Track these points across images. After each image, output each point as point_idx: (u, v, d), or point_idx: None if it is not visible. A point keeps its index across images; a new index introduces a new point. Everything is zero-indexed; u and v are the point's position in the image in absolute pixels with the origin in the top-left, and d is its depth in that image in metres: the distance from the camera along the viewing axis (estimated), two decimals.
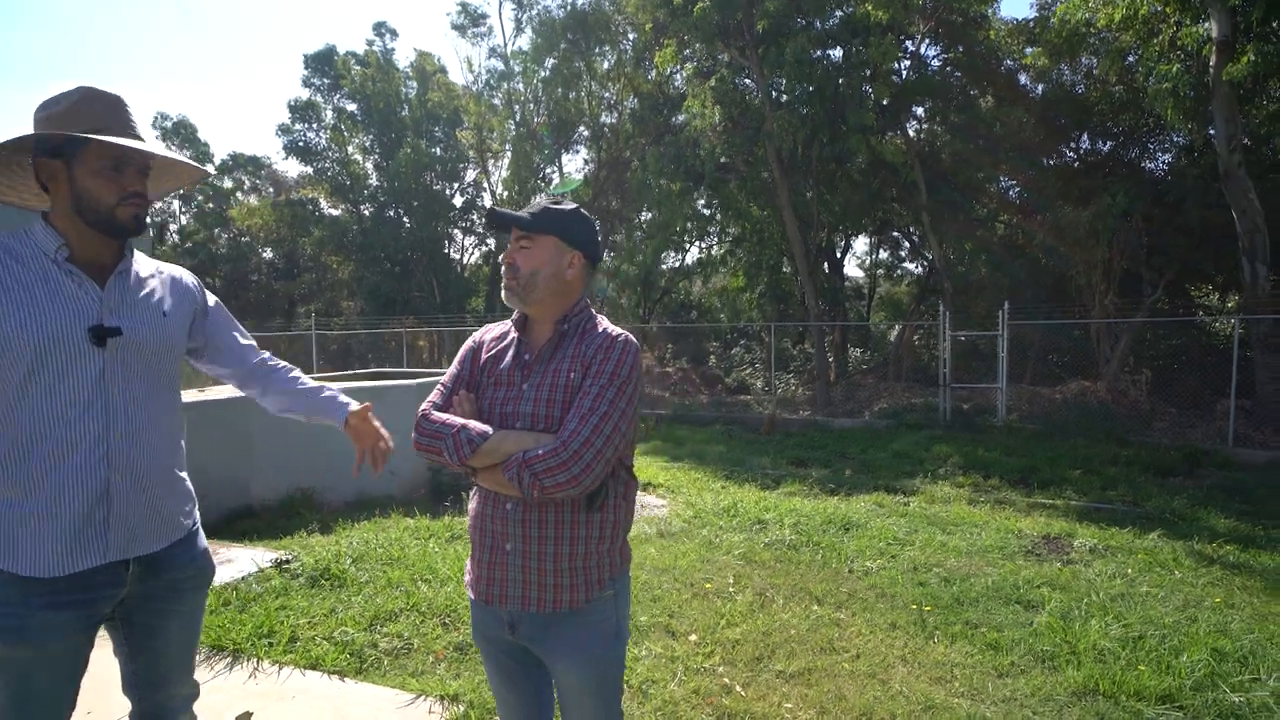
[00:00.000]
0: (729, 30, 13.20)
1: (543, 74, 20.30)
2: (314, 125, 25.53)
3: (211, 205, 29.79)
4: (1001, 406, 11.29)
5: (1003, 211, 16.19)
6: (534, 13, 20.14)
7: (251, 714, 2.61)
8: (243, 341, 1.86)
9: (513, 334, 1.68)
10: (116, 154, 1.50)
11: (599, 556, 1.58)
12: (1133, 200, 11.28)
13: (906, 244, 21.51)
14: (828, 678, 3.02)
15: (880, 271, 24.83)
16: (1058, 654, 3.24)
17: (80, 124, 1.47)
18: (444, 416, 1.56)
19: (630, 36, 19.33)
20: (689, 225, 17.06)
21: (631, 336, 1.61)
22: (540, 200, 1.68)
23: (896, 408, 12.50)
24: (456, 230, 29.50)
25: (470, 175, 28.31)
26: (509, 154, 22.18)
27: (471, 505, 1.66)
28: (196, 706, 1.68)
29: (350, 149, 26.31)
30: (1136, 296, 12.73)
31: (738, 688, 2.91)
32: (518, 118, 21.63)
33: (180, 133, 29.14)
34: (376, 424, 1.85)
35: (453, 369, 1.70)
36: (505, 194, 25.78)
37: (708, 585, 4.04)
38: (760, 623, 3.55)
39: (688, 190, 15.45)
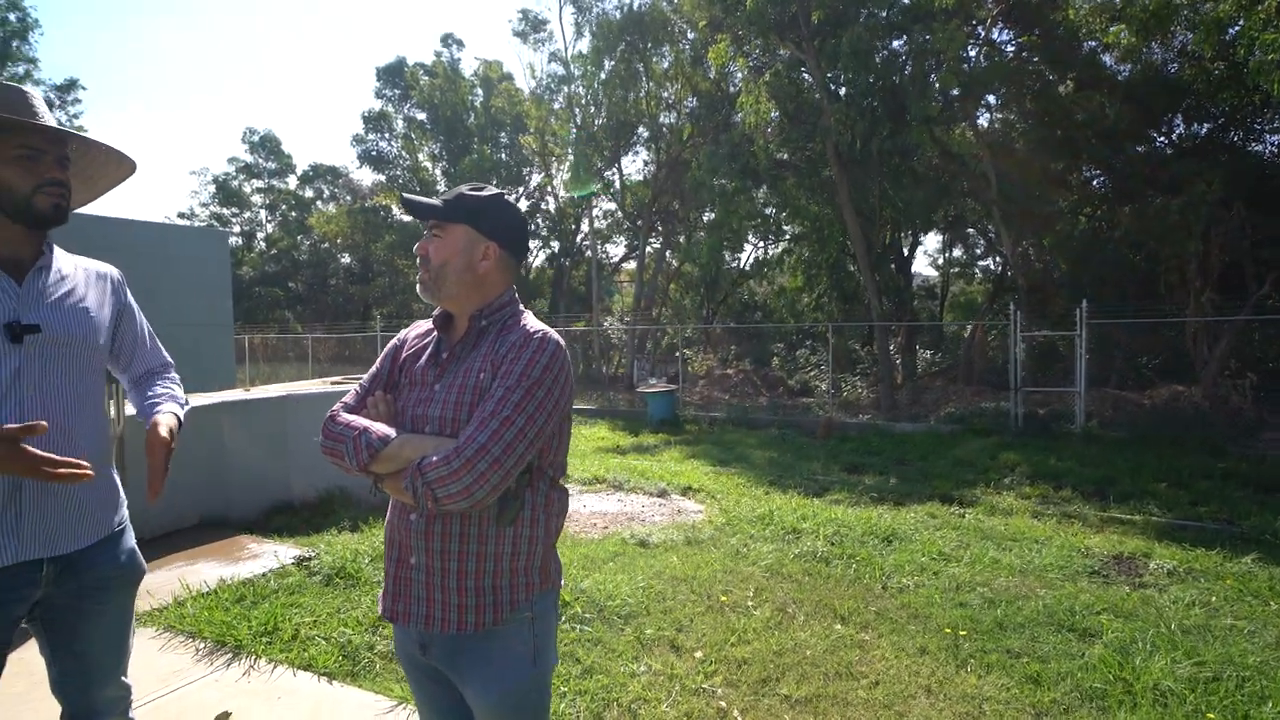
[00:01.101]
0: (784, 23, 12.82)
1: (601, 76, 20.34)
2: (385, 135, 26.51)
3: (294, 214, 31.38)
4: (1079, 412, 10.48)
5: (1085, 204, 15.09)
6: (593, 15, 20.20)
7: (230, 714, 2.60)
8: (153, 351, 1.84)
9: (434, 332, 1.56)
10: (31, 142, 1.48)
11: (512, 575, 1.43)
12: (1232, 187, 10.25)
13: (981, 240, 20.46)
14: (837, 706, 2.77)
15: (954, 270, 23.73)
16: (1110, 693, 2.88)
17: (21, 110, 1.46)
18: (349, 418, 1.45)
19: (690, 36, 19.13)
20: (747, 224, 16.69)
21: (553, 334, 1.45)
22: (461, 188, 1.55)
23: (963, 412, 11.82)
24: None
25: (534, 179, 28.81)
26: (570, 157, 22.35)
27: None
28: (183, 702, 1.65)
29: (420, 156, 27.18)
30: (1240, 292, 11.58)
31: (735, 712, 2.70)
32: (578, 121, 21.76)
33: (266, 146, 30.85)
34: (166, 436, 1.63)
35: (373, 368, 1.60)
36: (566, 196, 26.06)
37: (724, 598, 3.83)
38: (774, 641, 3.32)
39: (744, 188, 15.11)
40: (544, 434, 1.39)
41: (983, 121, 14.36)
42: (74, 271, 1.64)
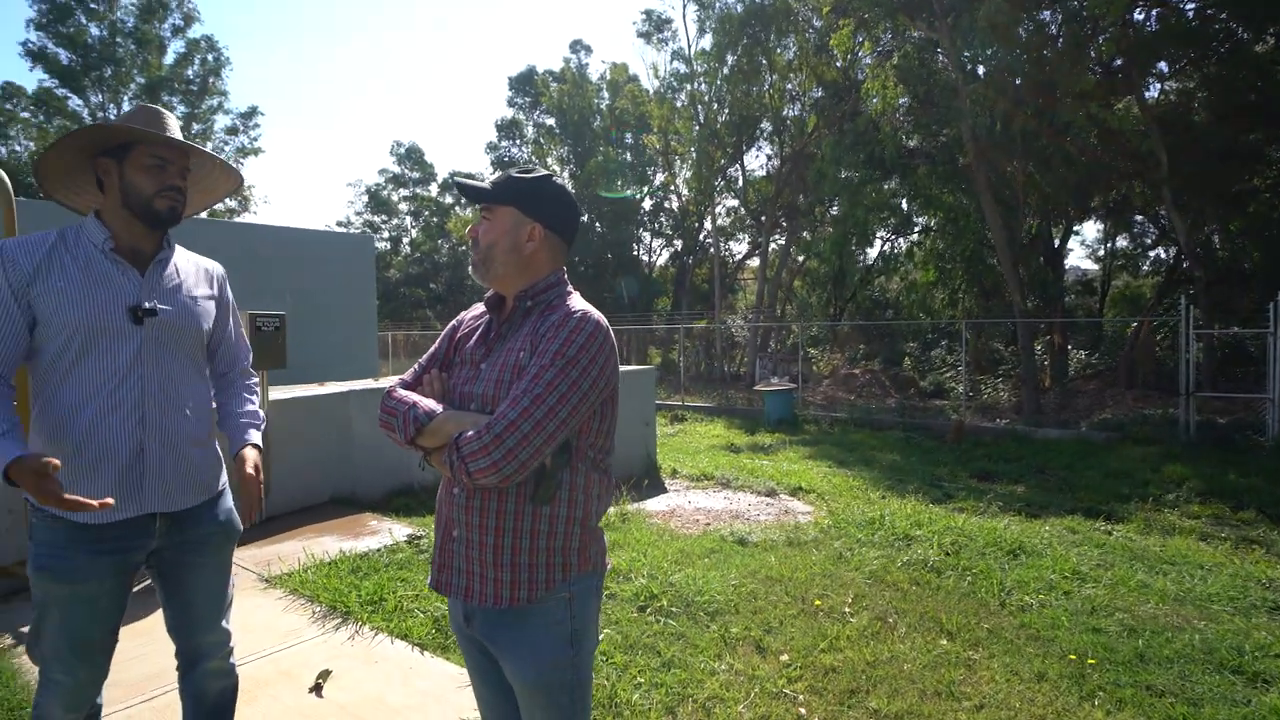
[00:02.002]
0: (914, 2, 12.05)
1: (724, 71, 20.16)
2: (517, 141, 27.81)
3: (435, 219, 33.69)
4: (1272, 421, 9.06)
5: None
6: (715, 10, 20.03)
7: (330, 672, 2.80)
8: (238, 343, 2.00)
9: (487, 313, 1.59)
10: (161, 153, 1.70)
11: (548, 554, 1.42)
12: None
13: (1152, 228, 18.22)
14: None
15: (1118, 262, 21.33)
16: None
17: (122, 133, 1.68)
18: (403, 394, 1.50)
19: (815, 24, 18.52)
20: (875, 216, 15.88)
21: (594, 314, 1.43)
22: (510, 170, 1.57)
23: (1121, 419, 10.58)
24: (645, 232, 30.48)
25: (658, 178, 29.08)
26: (693, 154, 22.34)
27: None
28: (295, 658, 1.82)
29: (549, 160, 28.26)
30: None
31: None
32: (700, 118, 21.70)
33: (411, 157, 33.33)
34: (258, 478, 1.85)
35: (432, 347, 1.65)
36: (689, 194, 26.08)
37: (819, 602, 3.64)
38: (869, 651, 3.11)
39: (871, 179, 14.39)
40: (579, 413, 1.37)
41: (1151, 93, 12.74)
42: (186, 265, 1.85)
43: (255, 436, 1.92)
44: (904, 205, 17.09)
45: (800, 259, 23.65)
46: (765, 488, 6.87)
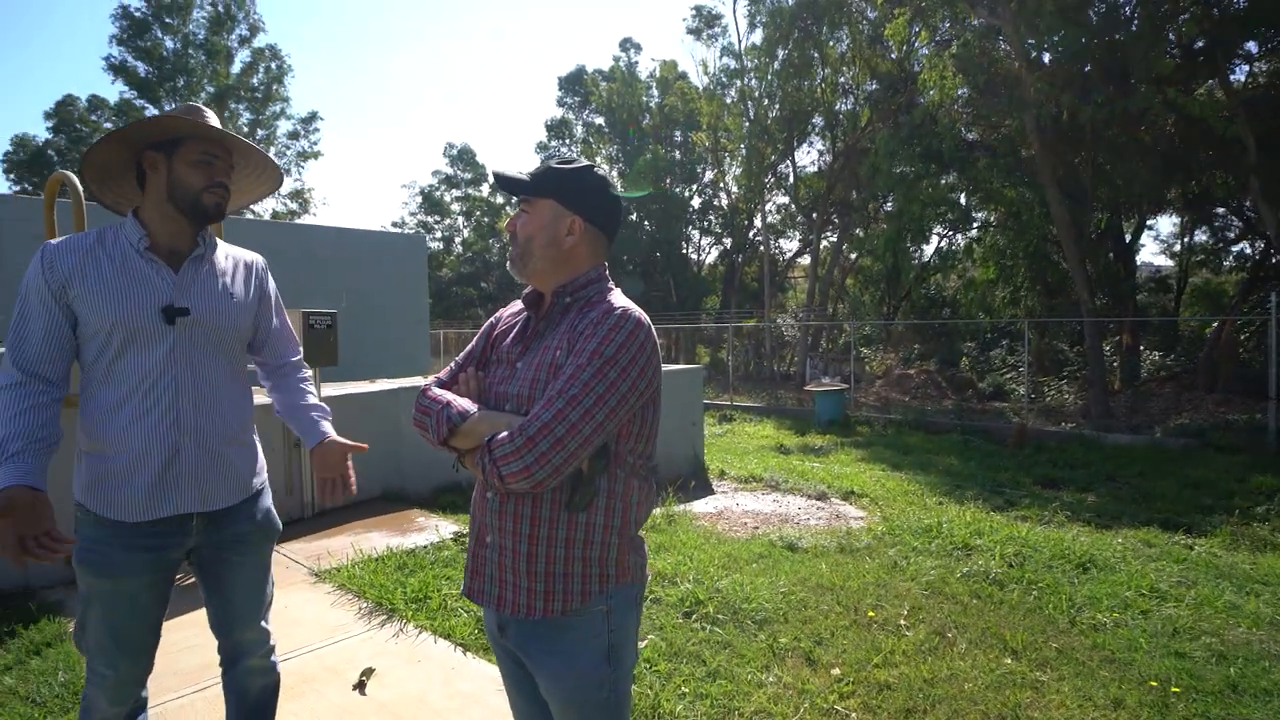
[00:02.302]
0: None
1: (774, 66, 19.83)
2: (566, 140, 27.96)
3: (486, 219, 34.21)
4: None
5: None
6: (766, 4, 19.71)
7: (374, 670, 2.79)
8: (285, 335, 1.98)
9: (525, 310, 1.52)
10: (210, 149, 1.70)
11: (584, 564, 1.35)
12: None
13: (1236, 221, 17.12)
14: None
15: (1196, 258, 20.13)
16: None
17: (180, 126, 1.68)
18: (437, 393, 1.45)
19: (869, 15, 18.04)
20: (931, 212, 15.35)
21: (635, 312, 1.34)
22: (550, 160, 1.49)
23: (1201, 424, 9.95)
24: (694, 230, 30.30)
25: (707, 176, 28.86)
26: (743, 151, 22.07)
27: None
28: (339, 654, 1.81)
29: (598, 159, 28.39)
30: None
31: None
32: (750, 114, 21.41)
33: (463, 158, 33.91)
34: (348, 462, 1.87)
35: (469, 345, 1.60)
36: (739, 191, 25.79)
37: (873, 614, 3.48)
38: (927, 668, 2.94)
39: (927, 173, 13.91)
40: (617, 416, 1.29)
41: (1237, 75, 11.95)
42: (224, 261, 1.82)
43: (329, 428, 1.91)
44: (962, 200, 16.47)
45: (853, 256, 23.10)
46: (816, 491, 6.69)
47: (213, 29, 28.49)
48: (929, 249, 20.63)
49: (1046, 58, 11.71)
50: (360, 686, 2.71)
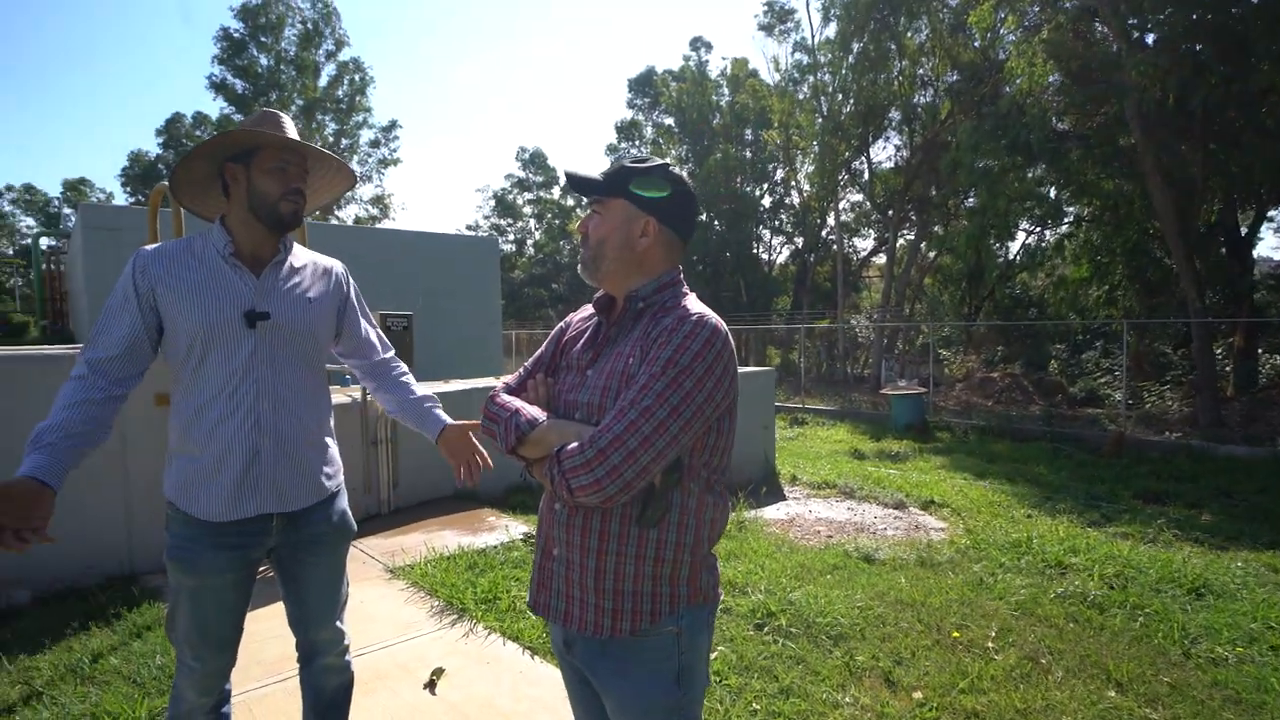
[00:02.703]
0: None
1: (849, 60, 19.28)
2: (635, 142, 28.05)
3: (557, 221, 34.73)
4: None
5: None
6: None
7: (444, 670, 2.82)
8: (372, 336, 2.00)
9: (596, 315, 1.47)
10: (284, 156, 1.73)
11: (654, 583, 1.28)
12: None
13: None
14: None
15: None
16: None
17: (252, 137, 1.72)
18: (506, 399, 1.42)
19: (950, 3, 17.29)
20: (1017, 207, 14.54)
21: (712, 318, 1.27)
22: (624, 160, 1.43)
23: None
24: (765, 230, 29.86)
25: (778, 174, 28.38)
26: (815, 149, 21.57)
27: None
28: (411, 652, 1.83)
29: (668, 160, 28.34)
30: None
31: None
32: (823, 110, 20.90)
33: (535, 161, 34.54)
34: (473, 440, 1.89)
35: (538, 350, 1.56)
36: (811, 189, 25.23)
37: (957, 634, 3.28)
38: (1019, 696, 2.74)
39: (1013, 166, 13.18)
40: (692, 428, 1.22)
41: None
42: (304, 267, 1.86)
43: (445, 415, 1.95)
44: (1052, 194, 15.55)
45: (931, 255, 22.22)
46: (893, 499, 6.42)
47: (302, 45, 30.05)
48: (1014, 246, 19.61)
49: (1150, 38, 10.89)
50: (431, 686, 2.75)
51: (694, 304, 1.33)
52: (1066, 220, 16.27)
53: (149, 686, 2.70)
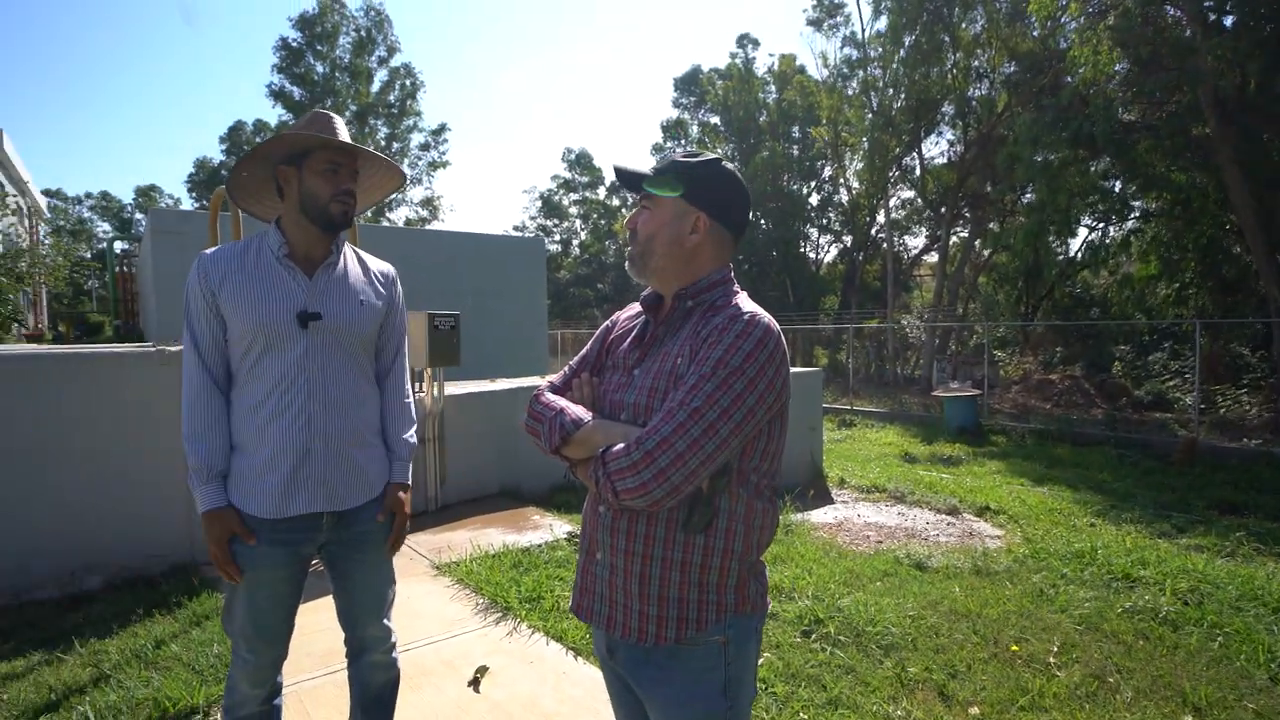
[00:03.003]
0: None
1: (900, 54, 18.81)
2: (681, 141, 27.96)
3: (603, 221, 34.88)
4: None
5: None
6: None
7: (487, 669, 2.83)
8: (403, 353, 1.98)
9: (643, 313, 1.44)
10: (335, 157, 1.75)
11: (700, 590, 1.24)
12: None
13: None
14: None
15: None
16: None
17: (303, 140, 1.75)
18: (551, 398, 1.39)
19: None
20: (1079, 202, 13.94)
21: (764, 317, 1.22)
22: (675, 154, 1.39)
23: None
24: (812, 228, 29.41)
25: (826, 172, 27.90)
26: (865, 145, 21.11)
27: None
28: (455, 649, 1.84)
29: (720, 154, 28.18)
30: None
31: None
32: (873, 105, 20.45)
33: (581, 162, 34.76)
34: (405, 511, 1.91)
35: (584, 349, 1.53)
36: (860, 186, 24.72)
37: (1016, 647, 3.14)
38: (1085, 716, 2.60)
39: (1074, 159, 12.64)
40: (742, 431, 1.17)
41: None
42: (356, 268, 1.88)
43: (406, 473, 1.92)
44: (1117, 188, 14.87)
45: (986, 253, 21.49)
46: (946, 505, 6.22)
47: (356, 52, 30.92)
48: (1076, 243, 18.84)
49: (1228, 20, 10.30)
50: (475, 683, 2.75)
51: (746, 303, 1.28)
52: (1133, 215, 15.54)
53: (206, 674, 2.78)
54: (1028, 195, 17.89)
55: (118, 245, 19.59)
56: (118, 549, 3.87)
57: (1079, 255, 19.23)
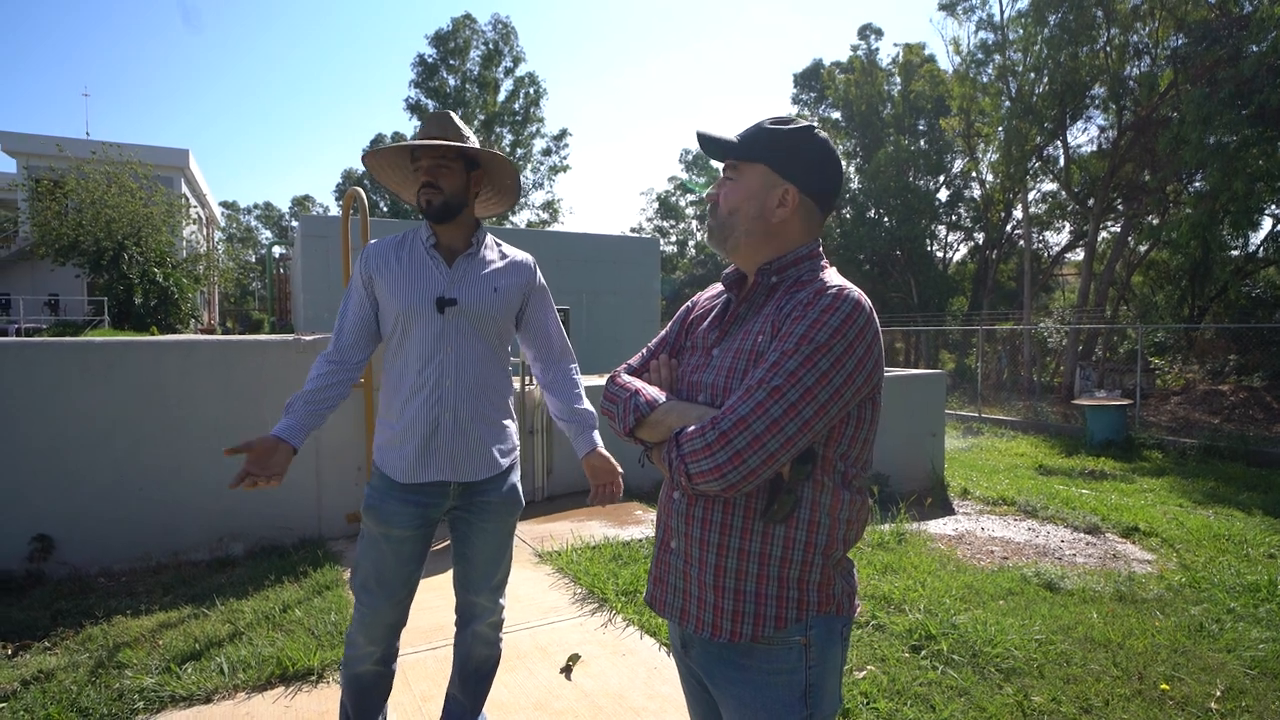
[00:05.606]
0: None
1: (1044, 34, 17.33)
2: None
3: None
4: None
5: None
6: None
7: (580, 657, 2.83)
8: (552, 332, 2.08)
9: (725, 292, 1.37)
10: (425, 155, 1.89)
11: (780, 585, 1.15)
12: None
13: None
14: None
15: None
16: None
17: (398, 150, 1.94)
18: (626, 379, 1.36)
19: None
20: (1263, 190, 12.21)
21: (853, 292, 1.11)
22: (763, 120, 1.31)
23: None
24: (940, 226, 27.76)
25: (956, 165, 26.24)
26: (1000, 135, 19.62)
27: None
28: (552, 635, 1.91)
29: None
30: None
31: None
32: (1012, 92, 18.97)
33: (698, 163, 34.72)
34: (615, 468, 2.00)
35: (663, 330, 1.48)
36: (995, 180, 23.03)
37: (1166, 686, 2.76)
38: None
39: (1258, 140, 11.10)
40: (828, 414, 1.08)
41: None
42: (494, 258, 1.99)
43: (595, 438, 2.02)
44: None
45: (1141, 249, 19.36)
46: (1085, 523, 5.63)
47: (484, 64, 32.55)
48: (1256, 236, 16.56)
49: None
50: (567, 670, 2.77)
51: (833, 276, 1.18)
52: None
53: (324, 640, 2.97)
54: (1196, 183, 15.95)
55: (276, 250, 21.77)
56: (257, 522, 4.25)
57: (1260, 250, 16.90)
